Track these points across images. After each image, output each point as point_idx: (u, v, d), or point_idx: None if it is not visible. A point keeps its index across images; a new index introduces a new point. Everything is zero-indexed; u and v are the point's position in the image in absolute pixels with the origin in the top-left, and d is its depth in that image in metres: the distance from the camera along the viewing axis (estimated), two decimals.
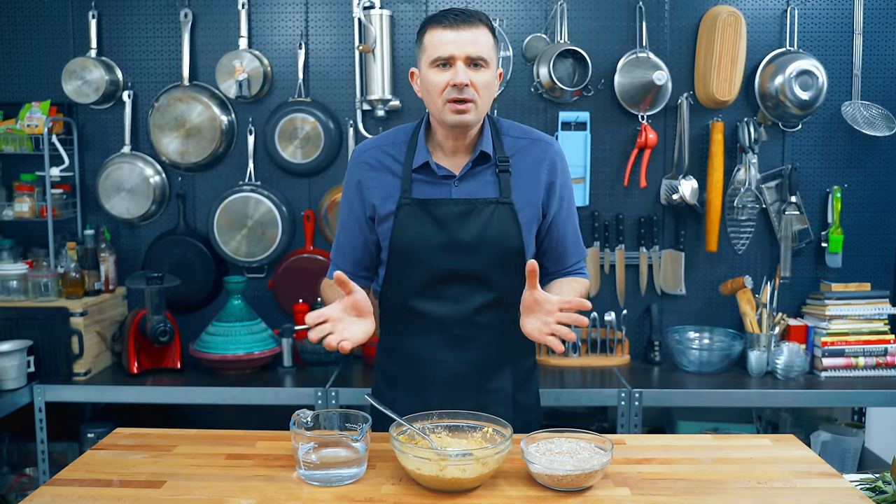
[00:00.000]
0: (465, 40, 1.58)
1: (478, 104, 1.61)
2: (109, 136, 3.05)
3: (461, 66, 1.58)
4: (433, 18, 1.62)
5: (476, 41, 1.58)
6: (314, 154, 2.95)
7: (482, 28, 1.60)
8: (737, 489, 1.38)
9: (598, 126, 2.97)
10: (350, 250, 1.77)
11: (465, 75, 1.57)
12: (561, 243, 1.76)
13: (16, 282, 2.74)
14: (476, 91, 1.60)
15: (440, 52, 1.59)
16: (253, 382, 2.69)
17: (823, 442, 2.79)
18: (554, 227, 1.74)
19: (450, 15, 1.59)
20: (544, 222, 1.73)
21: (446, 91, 1.59)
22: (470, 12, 1.61)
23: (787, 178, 2.91)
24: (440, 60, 1.59)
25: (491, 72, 1.62)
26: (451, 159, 1.70)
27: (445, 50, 1.58)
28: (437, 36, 1.59)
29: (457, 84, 1.57)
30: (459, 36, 1.58)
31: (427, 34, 1.62)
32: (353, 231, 1.76)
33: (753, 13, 2.93)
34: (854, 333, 2.78)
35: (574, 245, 1.79)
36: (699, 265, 3.03)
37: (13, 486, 2.84)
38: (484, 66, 1.60)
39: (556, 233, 1.75)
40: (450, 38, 1.58)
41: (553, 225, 1.74)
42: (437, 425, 1.51)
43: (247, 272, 3.05)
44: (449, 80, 1.58)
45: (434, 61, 1.60)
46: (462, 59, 1.58)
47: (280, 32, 2.99)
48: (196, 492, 1.38)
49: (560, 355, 2.92)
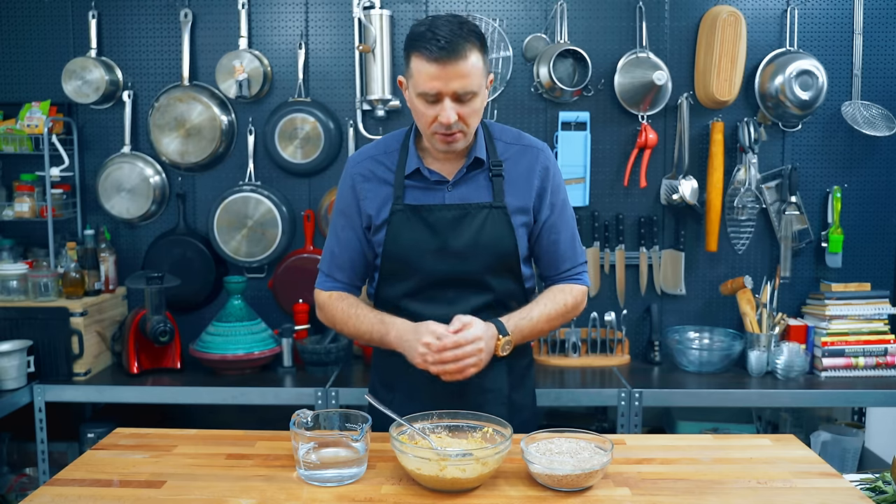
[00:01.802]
0: (452, 75, 1.52)
1: (466, 132, 1.62)
2: (109, 136, 3.04)
3: (448, 102, 1.55)
4: (419, 43, 1.54)
5: (463, 74, 1.53)
6: (314, 154, 2.95)
7: (471, 53, 1.53)
8: (737, 489, 1.39)
9: (598, 126, 2.97)
10: (349, 264, 1.77)
11: (452, 113, 1.55)
12: (554, 248, 1.75)
13: (16, 282, 2.74)
14: (464, 122, 1.59)
15: (426, 87, 1.54)
16: (253, 382, 2.69)
17: (823, 442, 2.79)
18: (546, 232, 1.74)
19: (435, 46, 1.51)
20: (535, 227, 1.73)
21: (434, 125, 1.59)
22: (457, 37, 1.52)
23: (787, 178, 2.91)
24: (427, 96, 1.56)
25: (480, 98, 1.59)
26: (443, 164, 1.71)
27: (432, 87, 1.54)
28: (424, 69, 1.53)
29: (444, 123, 1.56)
30: (446, 71, 1.52)
31: (413, 60, 1.56)
32: (351, 242, 1.75)
33: (753, 13, 2.93)
34: (854, 333, 2.78)
35: (569, 250, 1.76)
36: (699, 265, 3.03)
37: (13, 486, 2.84)
38: (473, 97, 1.57)
39: (548, 238, 1.74)
40: (436, 74, 1.52)
41: (545, 230, 1.73)
42: (437, 425, 1.51)
43: (247, 272, 3.05)
44: (436, 115, 1.57)
45: (420, 94, 1.57)
46: (449, 94, 1.55)
47: (280, 32, 2.99)
48: (196, 492, 1.38)
49: (560, 355, 2.92)
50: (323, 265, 1.80)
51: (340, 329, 1.77)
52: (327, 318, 1.79)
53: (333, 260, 1.78)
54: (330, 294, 1.78)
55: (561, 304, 1.72)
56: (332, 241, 1.79)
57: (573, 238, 1.78)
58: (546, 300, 1.71)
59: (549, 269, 1.78)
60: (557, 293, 1.74)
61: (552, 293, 1.74)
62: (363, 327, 1.70)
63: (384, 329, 1.66)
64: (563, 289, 1.76)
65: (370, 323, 1.69)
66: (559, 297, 1.73)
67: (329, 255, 1.79)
